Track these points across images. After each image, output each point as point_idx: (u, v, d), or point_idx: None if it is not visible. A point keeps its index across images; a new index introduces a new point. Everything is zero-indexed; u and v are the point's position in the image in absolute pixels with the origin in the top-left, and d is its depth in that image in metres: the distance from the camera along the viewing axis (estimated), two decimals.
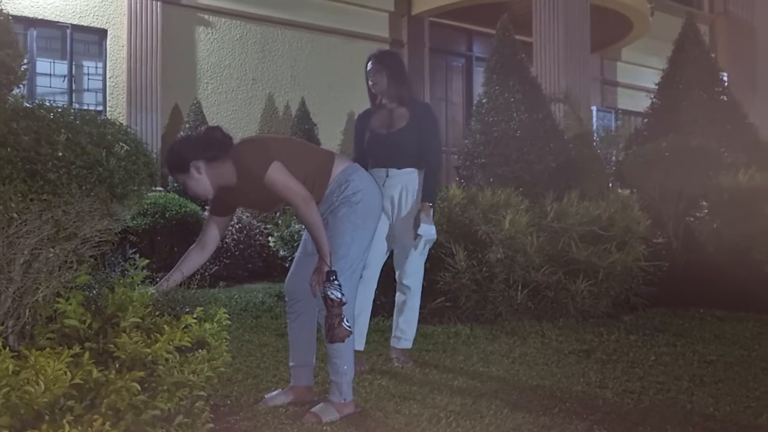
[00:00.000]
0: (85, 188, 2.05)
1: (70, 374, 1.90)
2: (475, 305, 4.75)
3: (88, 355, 2.01)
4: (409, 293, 3.72)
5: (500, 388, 3.17)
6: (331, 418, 2.67)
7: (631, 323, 4.74)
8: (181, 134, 8.64)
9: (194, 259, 2.83)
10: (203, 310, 2.38)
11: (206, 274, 6.19)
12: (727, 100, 7.09)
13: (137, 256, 2.41)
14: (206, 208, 6.82)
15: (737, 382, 3.26)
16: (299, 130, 9.48)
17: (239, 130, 9.62)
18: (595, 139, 7.35)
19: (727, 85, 7.41)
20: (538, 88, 6.80)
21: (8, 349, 1.95)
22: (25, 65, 3.18)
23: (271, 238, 6.49)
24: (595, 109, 11.93)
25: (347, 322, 2.63)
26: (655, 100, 7.25)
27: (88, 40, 9.06)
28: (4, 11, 4.22)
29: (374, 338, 4.01)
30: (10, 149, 1.92)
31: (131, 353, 2.08)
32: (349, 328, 2.65)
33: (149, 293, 2.37)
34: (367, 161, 3.71)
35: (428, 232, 3.60)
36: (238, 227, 7.06)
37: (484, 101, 6.67)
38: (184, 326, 2.24)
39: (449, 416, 2.70)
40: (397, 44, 11.46)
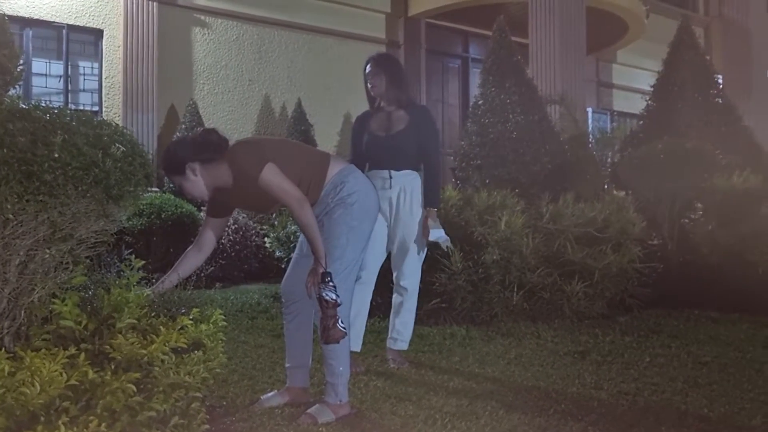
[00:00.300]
0: (81, 189, 2.05)
1: (65, 375, 1.90)
2: (470, 306, 4.76)
3: (83, 356, 2.01)
4: (406, 295, 3.72)
5: (496, 389, 3.18)
6: (326, 419, 2.68)
7: (626, 324, 4.76)
8: (177, 135, 8.63)
9: (191, 260, 2.84)
10: (199, 311, 2.38)
11: (202, 275, 6.19)
12: (721, 102, 7.11)
13: (133, 256, 2.41)
14: (202, 208, 6.85)
15: (731, 383, 3.28)
16: (295, 131, 9.47)
17: (235, 130, 9.62)
18: (590, 140, 7.35)
19: (721, 87, 7.41)
20: (534, 89, 6.81)
21: (3, 350, 1.95)
22: (21, 66, 3.17)
23: (267, 239, 6.48)
24: (590, 110, 11.96)
25: (342, 323, 2.64)
26: (650, 102, 7.26)
27: (83, 40, 9.04)
28: (0, 11, 4.21)
29: (370, 339, 4.01)
30: (6, 150, 1.92)
31: (127, 354, 2.08)
32: (344, 329, 2.65)
33: (145, 294, 2.37)
34: (364, 163, 3.73)
35: (440, 235, 3.63)
36: (234, 228, 7.06)
37: (480, 103, 6.68)
38: (180, 327, 2.24)
39: (445, 417, 2.70)
40: (393, 45, 11.47)
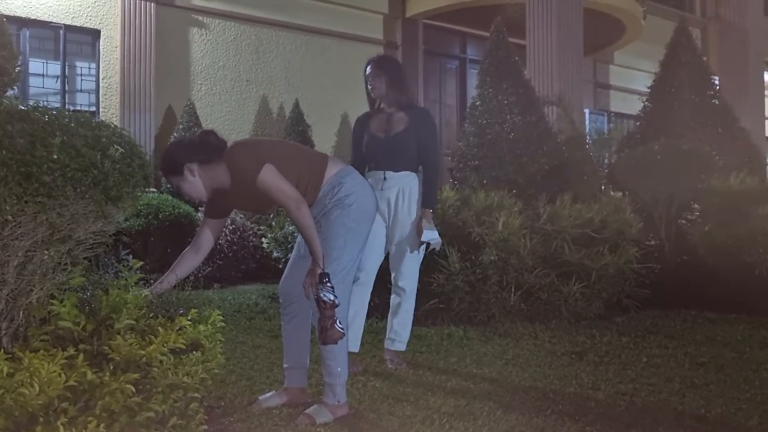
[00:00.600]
0: (79, 190, 2.05)
1: (64, 376, 1.90)
2: (468, 307, 4.76)
3: (82, 357, 2.01)
4: (404, 295, 3.73)
5: (493, 389, 3.18)
6: (324, 419, 2.68)
7: (623, 325, 4.77)
8: (174, 136, 8.63)
9: (189, 261, 2.84)
10: (197, 312, 2.39)
11: (200, 275, 6.20)
12: (718, 103, 7.12)
13: (130, 257, 2.41)
14: (200, 209, 6.85)
15: (728, 384, 3.29)
16: (293, 131, 9.48)
17: (233, 131, 9.62)
18: (587, 141, 7.36)
19: (718, 88, 7.43)
20: (531, 90, 6.81)
21: (2, 351, 1.95)
22: (19, 67, 3.17)
23: (264, 239, 6.48)
24: (587, 111, 11.98)
25: (340, 324, 2.64)
26: (647, 103, 7.27)
27: (81, 40, 9.04)
28: None
29: (367, 340, 4.01)
30: (5, 152, 1.92)
31: (125, 355, 2.08)
32: (342, 330, 2.65)
33: (143, 295, 2.37)
34: (364, 164, 3.74)
35: (432, 237, 3.63)
36: (231, 228, 7.06)
37: (477, 103, 6.68)
38: (178, 328, 2.25)
39: (442, 418, 2.71)
40: (391, 46, 11.48)
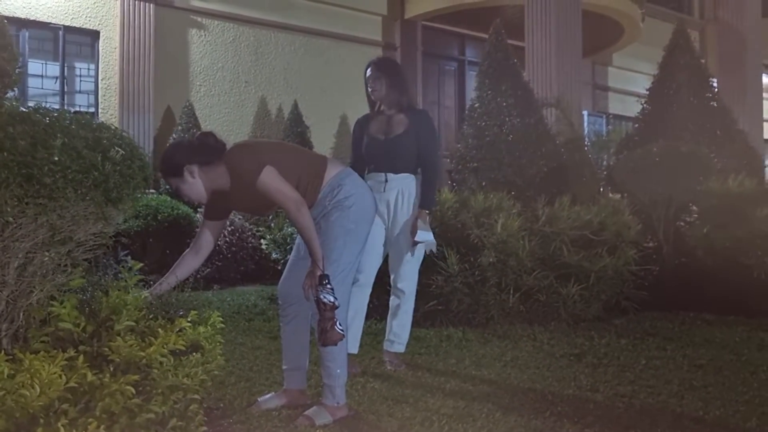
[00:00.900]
0: (80, 192, 2.06)
1: (64, 377, 1.90)
2: (467, 309, 4.77)
3: (82, 358, 2.01)
4: (403, 297, 3.73)
5: (492, 391, 3.19)
6: (324, 421, 2.68)
7: (621, 327, 4.78)
8: (173, 137, 8.64)
9: (189, 263, 2.84)
10: (197, 313, 2.39)
11: (199, 276, 6.20)
12: (717, 106, 7.13)
13: (129, 258, 2.42)
14: (198, 210, 6.85)
15: (726, 386, 3.29)
16: (292, 132, 9.48)
17: (231, 132, 9.62)
18: (586, 143, 7.38)
19: (717, 90, 7.44)
20: (530, 92, 6.83)
21: (3, 352, 1.96)
22: (19, 69, 3.17)
23: (263, 240, 6.49)
24: (586, 113, 12.01)
25: (340, 325, 2.65)
26: (645, 105, 7.28)
27: (80, 41, 9.05)
28: None
29: (366, 341, 4.02)
30: (6, 153, 1.93)
31: (126, 357, 2.09)
32: (341, 331, 2.66)
33: (143, 296, 2.38)
34: (364, 166, 3.75)
35: (426, 238, 3.63)
36: (230, 230, 7.06)
37: (476, 105, 6.70)
38: (178, 330, 2.25)
39: (441, 419, 2.71)
40: (389, 48, 11.49)
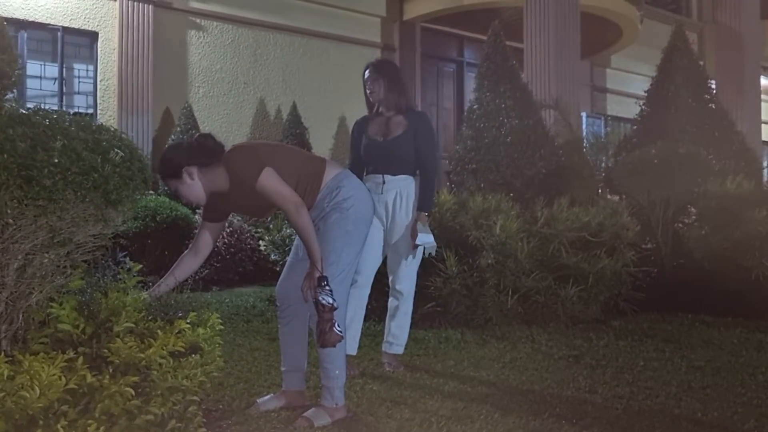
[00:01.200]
0: (80, 194, 2.06)
1: (64, 379, 1.91)
2: (465, 310, 4.77)
3: (81, 359, 2.01)
4: (402, 299, 3.73)
5: (491, 392, 3.19)
6: (322, 422, 2.69)
7: (620, 328, 4.78)
8: (172, 138, 8.64)
9: (188, 264, 2.84)
10: (196, 315, 2.39)
11: (197, 277, 6.20)
12: (715, 107, 7.14)
13: (127, 259, 2.42)
14: (197, 211, 6.85)
15: (725, 387, 3.30)
16: (290, 134, 9.49)
17: (230, 133, 9.63)
18: (584, 145, 7.38)
19: (715, 92, 7.46)
20: (528, 94, 6.84)
21: (2, 354, 1.96)
22: (19, 70, 3.17)
23: (262, 241, 6.50)
24: (584, 115, 12.02)
25: (339, 327, 2.65)
26: (644, 107, 7.29)
27: (79, 42, 9.05)
28: None
29: (365, 342, 4.02)
30: (6, 155, 1.93)
31: (125, 358, 2.09)
32: (340, 333, 2.66)
33: (142, 298, 2.38)
34: (362, 168, 3.75)
35: (427, 240, 3.63)
36: (229, 231, 7.06)
37: (475, 107, 6.70)
38: (177, 331, 2.25)
39: (440, 421, 2.72)
40: (388, 49, 11.50)
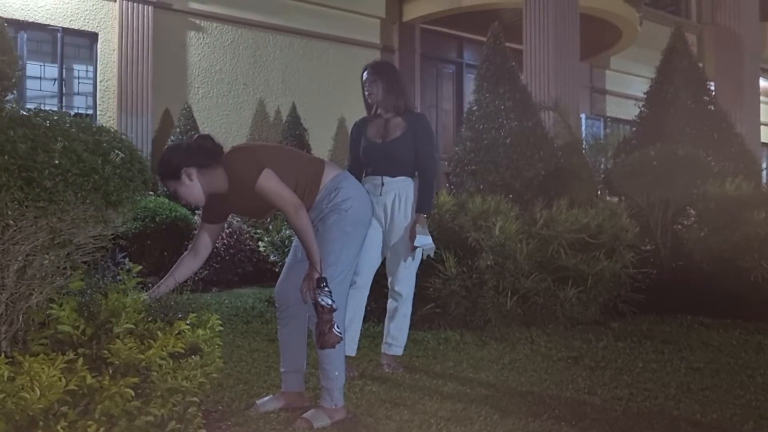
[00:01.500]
0: (80, 195, 2.06)
1: (64, 380, 1.91)
2: (465, 311, 4.77)
3: (81, 361, 2.02)
4: (400, 300, 3.74)
5: (490, 394, 3.20)
6: (322, 423, 2.69)
7: (619, 330, 4.79)
8: (171, 139, 8.64)
9: (187, 265, 2.85)
10: (196, 316, 2.40)
11: (197, 278, 6.20)
12: (714, 109, 7.15)
13: (127, 260, 2.42)
14: (196, 212, 6.85)
15: (723, 389, 3.31)
16: (290, 135, 9.49)
17: (230, 134, 9.63)
18: (584, 146, 7.39)
19: (714, 94, 7.47)
20: (528, 95, 6.85)
21: (2, 355, 1.96)
22: (19, 71, 3.17)
23: (261, 243, 6.50)
24: (584, 116, 12.03)
25: (338, 328, 2.66)
26: (643, 108, 7.30)
27: (78, 43, 9.05)
28: None
29: (364, 344, 4.03)
30: (6, 157, 1.93)
31: (125, 359, 2.09)
32: (339, 334, 2.67)
33: (142, 299, 2.38)
34: (361, 169, 3.76)
35: (426, 242, 3.63)
36: (228, 232, 7.06)
37: (474, 108, 6.71)
38: (177, 332, 2.26)
39: (439, 422, 2.72)
40: (388, 50, 11.51)
